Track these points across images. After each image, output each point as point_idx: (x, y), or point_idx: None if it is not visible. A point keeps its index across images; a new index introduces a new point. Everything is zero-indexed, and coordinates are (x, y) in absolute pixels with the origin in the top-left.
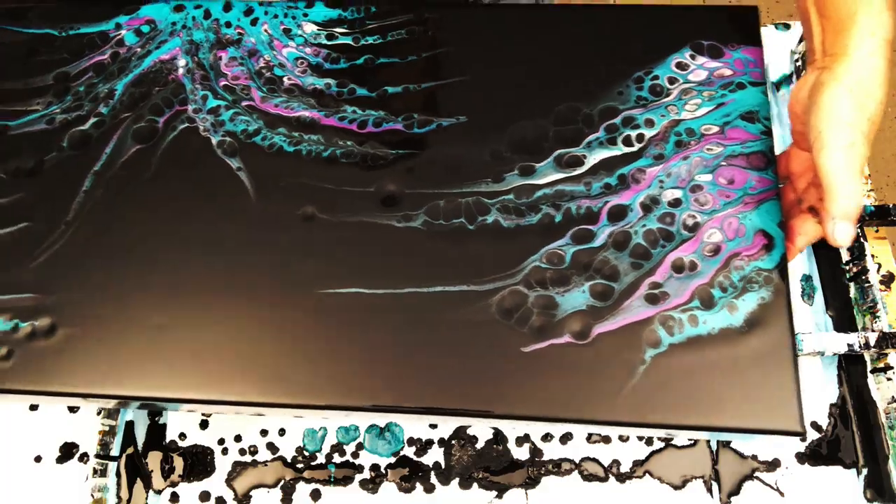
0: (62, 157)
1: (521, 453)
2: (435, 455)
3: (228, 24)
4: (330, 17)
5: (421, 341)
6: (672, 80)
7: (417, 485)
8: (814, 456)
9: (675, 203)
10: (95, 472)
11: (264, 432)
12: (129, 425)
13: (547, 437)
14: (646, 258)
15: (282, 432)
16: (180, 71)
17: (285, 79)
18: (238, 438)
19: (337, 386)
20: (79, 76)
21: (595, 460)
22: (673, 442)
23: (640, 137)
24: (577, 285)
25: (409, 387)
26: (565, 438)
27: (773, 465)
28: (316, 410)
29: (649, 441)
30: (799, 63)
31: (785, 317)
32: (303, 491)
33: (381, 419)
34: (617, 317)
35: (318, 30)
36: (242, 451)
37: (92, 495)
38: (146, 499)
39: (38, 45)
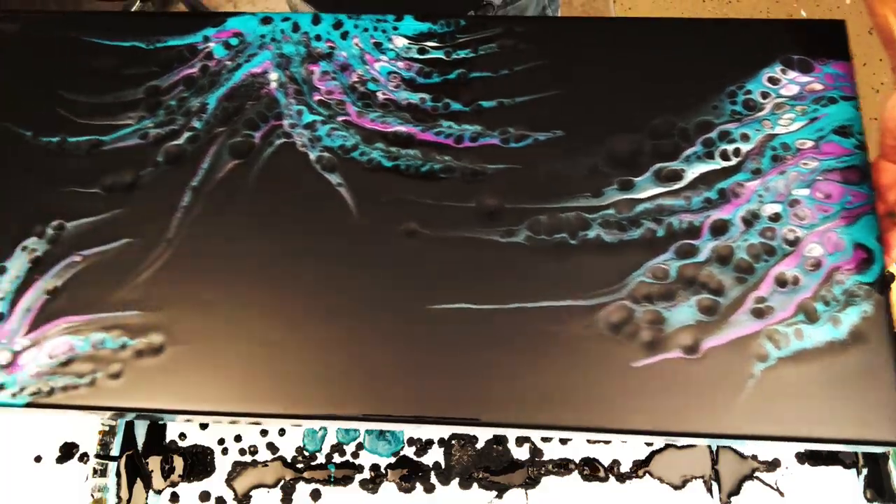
0: (158, 172)
1: (521, 453)
2: (435, 455)
3: (318, 38)
4: (420, 31)
5: (529, 356)
6: (765, 95)
7: (417, 485)
8: (814, 456)
9: (775, 217)
10: (95, 472)
11: (264, 432)
12: (129, 425)
13: (547, 438)
14: (749, 272)
15: (282, 432)
16: (273, 85)
17: (379, 93)
18: (238, 438)
19: (449, 400)
20: (170, 90)
21: (595, 460)
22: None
23: (736, 151)
24: (683, 300)
25: (520, 402)
26: (565, 439)
27: (773, 465)
28: (426, 425)
29: (649, 441)
30: None
31: (886, 329)
32: (303, 491)
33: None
34: (725, 331)
35: (409, 44)
36: (242, 451)
37: (92, 495)
38: (146, 499)
39: (125, 57)
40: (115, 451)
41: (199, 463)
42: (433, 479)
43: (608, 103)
